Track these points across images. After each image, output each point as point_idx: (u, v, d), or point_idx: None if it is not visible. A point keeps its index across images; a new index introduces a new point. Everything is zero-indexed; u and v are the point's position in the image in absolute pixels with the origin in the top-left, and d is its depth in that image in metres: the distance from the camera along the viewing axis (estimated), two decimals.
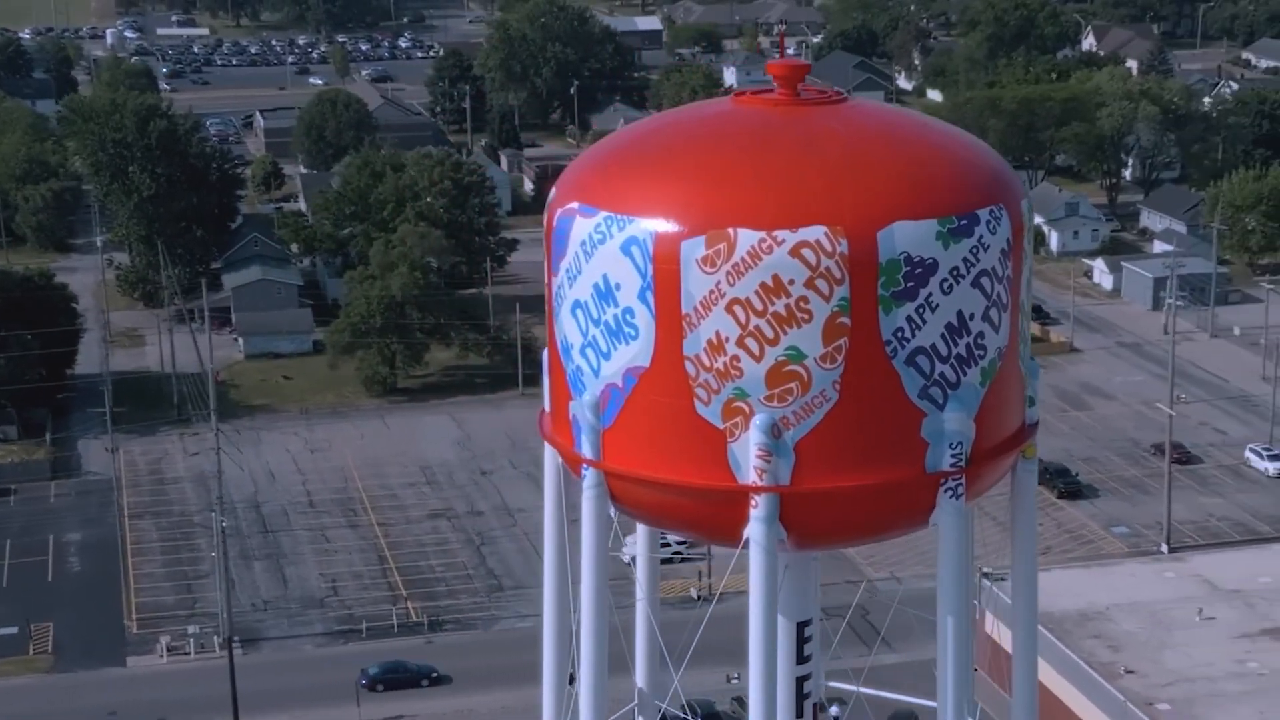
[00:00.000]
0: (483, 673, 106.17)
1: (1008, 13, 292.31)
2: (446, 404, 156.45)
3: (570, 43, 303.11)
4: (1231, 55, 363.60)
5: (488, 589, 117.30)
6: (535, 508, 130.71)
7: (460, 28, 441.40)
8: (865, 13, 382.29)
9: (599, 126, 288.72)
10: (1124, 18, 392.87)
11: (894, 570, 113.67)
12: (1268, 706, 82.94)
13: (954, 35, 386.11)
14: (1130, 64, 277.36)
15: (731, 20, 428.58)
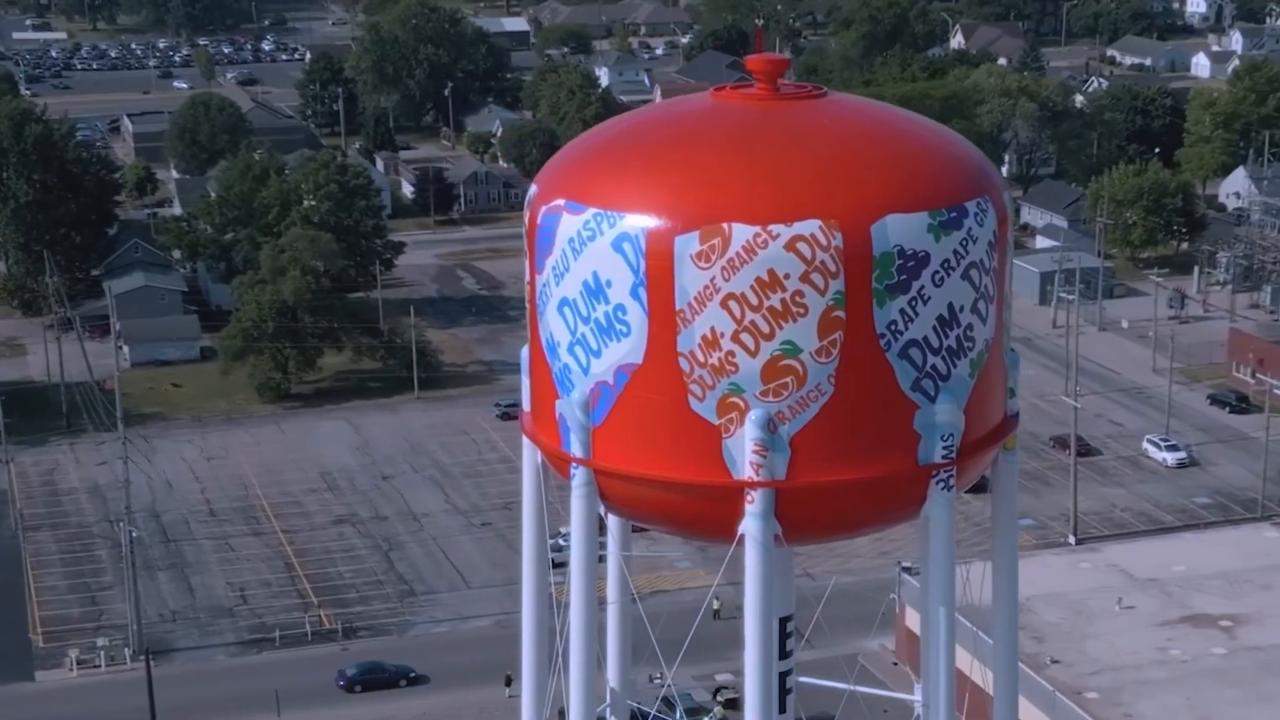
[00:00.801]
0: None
1: (881, 11, 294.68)
2: (342, 409, 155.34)
3: (442, 44, 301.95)
4: (1096, 53, 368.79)
5: (400, 594, 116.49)
6: (440, 512, 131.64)
7: (323, 30, 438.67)
8: (735, 13, 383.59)
9: (474, 128, 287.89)
10: (990, 16, 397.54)
11: (806, 568, 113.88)
12: (1193, 692, 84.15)
13: (824, 34, 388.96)
14: (1001, 61, 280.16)
15: (599, 21, 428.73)
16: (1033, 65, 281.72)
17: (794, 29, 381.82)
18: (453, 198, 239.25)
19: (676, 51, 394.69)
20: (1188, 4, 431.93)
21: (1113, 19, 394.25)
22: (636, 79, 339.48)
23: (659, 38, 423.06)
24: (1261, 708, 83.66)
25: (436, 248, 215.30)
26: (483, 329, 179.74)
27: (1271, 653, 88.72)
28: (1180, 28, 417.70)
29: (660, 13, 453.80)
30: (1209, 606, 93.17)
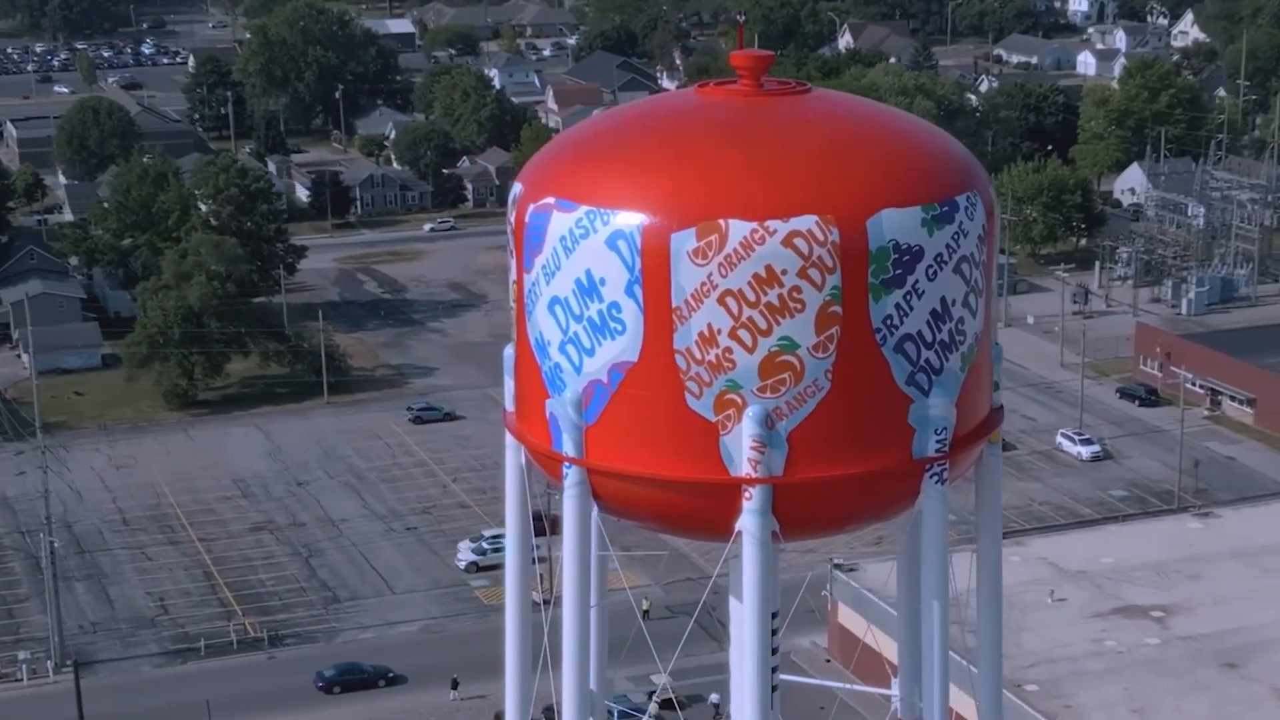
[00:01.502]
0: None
1: (774, 11, 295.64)
2: (251, 415, 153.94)
3: (332, 46, 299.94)
4: (983, 51, 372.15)
5: (324, 601, 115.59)
6: (358, 517, 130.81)
7: (204, 33, 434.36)
8: (623, 13, 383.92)
9: (365, 131, 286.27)
10: (876, 15, 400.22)
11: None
12: (1131, 683, 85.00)
13: (713, 34, 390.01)
14: (891, 61, 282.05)
15: (485, 22, 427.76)
16: (925, 64, 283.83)
17: (683, 29, 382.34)
18: (349, 201, 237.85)
19: (564, 53, 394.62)
20: (1070, 2, 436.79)
21: (998, 18, 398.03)
22: (527, 80, 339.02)
23: (546, 39, 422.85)
24: (1199, 697, 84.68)
25: (335, 251, 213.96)
26: (388, 333, 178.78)
27: (1204, 642, 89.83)
28: (1064, 26, 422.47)
29: (546, 14, 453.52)
30: (1139, 597, 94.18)
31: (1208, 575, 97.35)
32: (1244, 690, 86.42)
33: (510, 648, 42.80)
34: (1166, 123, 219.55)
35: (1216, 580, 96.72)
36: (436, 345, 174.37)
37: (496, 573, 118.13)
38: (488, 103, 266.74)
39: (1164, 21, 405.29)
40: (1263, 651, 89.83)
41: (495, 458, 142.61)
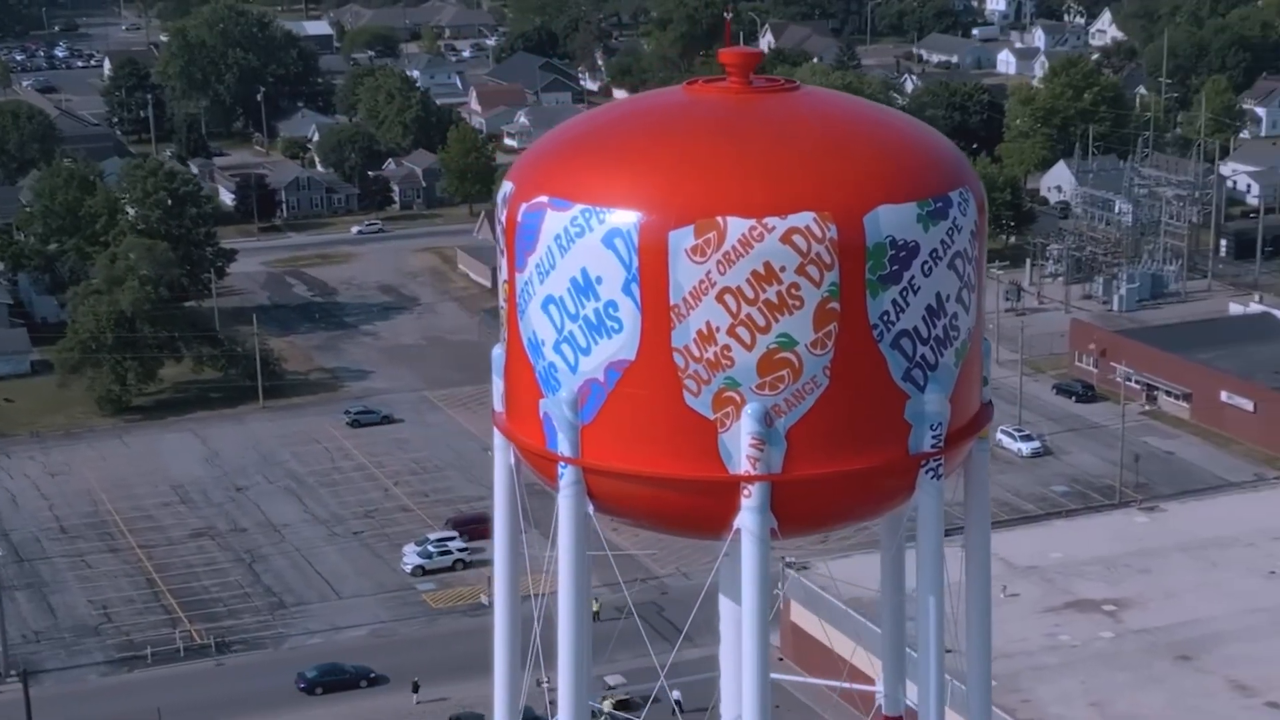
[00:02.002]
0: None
1: (699, 11, 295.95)
2: (186, 420, 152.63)
3: (252, 48, 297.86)
4: (904, 51, 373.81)
5: (269, 607, 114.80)
6: (299, 521, 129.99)
7: (118, 36, 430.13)
8: (543, 14, 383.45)
9: (287, 133, 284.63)
10: (796, 15, 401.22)
11: (680, 566, 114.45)
12: (1087, 676, 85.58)
13: (635, 35, 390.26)
14: (816, 60, 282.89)
15: (403, 23, 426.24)
16: (850, 64, 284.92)
17: (605, 30, 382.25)
18: (275, 204, 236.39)
19: (483, 54, 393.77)
20: (988, 2, 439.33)
21: (918, 17, 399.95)
22: (449, 82, 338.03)
23: (465, 40, 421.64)
24: (1154, 689, 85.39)
25: (263, 255, 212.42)
26: (320, 336, 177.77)
27: (1157, 635, 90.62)
28: (982, 25, 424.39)
29: (464, 15, 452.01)
30: (1091, 592, 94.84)
31: (1157, 569, 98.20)
32: (1199, 682, 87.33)
33: (499, 648, 42.76)
34: (1091, 120, 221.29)
35: (1166, 574, 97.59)
36: (370, 348, 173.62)
37: (443, 576, 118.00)
38: (412, 104, 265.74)
39: (1081, 20, 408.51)
40: (1215, 644, 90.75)
41: (435, 461, 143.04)
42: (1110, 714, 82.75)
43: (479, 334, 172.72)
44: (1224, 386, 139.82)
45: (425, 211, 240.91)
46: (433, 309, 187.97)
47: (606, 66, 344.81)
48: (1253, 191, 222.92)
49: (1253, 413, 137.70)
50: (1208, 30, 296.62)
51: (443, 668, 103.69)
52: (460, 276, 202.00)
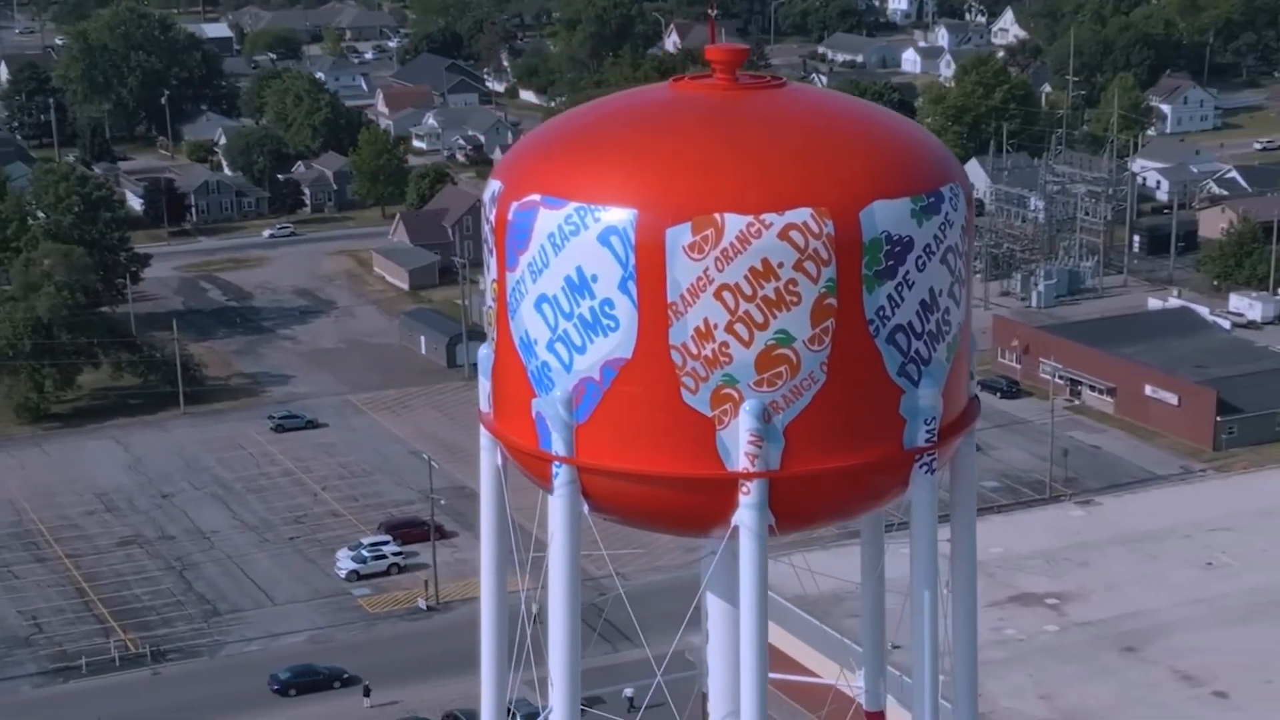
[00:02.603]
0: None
1: (608, 11, 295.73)
2: (106, 427, 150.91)
3: (154, 51, 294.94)
4: (808, 50, 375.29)
5: (203, 614, 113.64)
6: (228, 528, 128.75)
7: (11, 39, 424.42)
8: (447, 15, 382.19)
9: (192, 137, 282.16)
10: (700, 15, 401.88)
11: (617, 567, 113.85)
12: (1035, 670, 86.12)
13: (539, 35, 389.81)
14: None
15: (303, 25, 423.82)
16: (759, 63, 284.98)
17: (509, 31, 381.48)
18: (185, 208, 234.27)
19: (386, 55, 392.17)
20: (890, 1, 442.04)
21: (821, 16, 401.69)
22: (353, 83, 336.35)
23: (366, 41, 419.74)
24: (1103, 681, 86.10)
25: (174, 260, 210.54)
26: (239, 340, 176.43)
27: (1101, 627, 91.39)
28: (885, 24, 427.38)
29: (365, 16, 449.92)
30: (1033, 586, 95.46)
31: (1096, 562, 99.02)
32: (1145, 673, 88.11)
33: (486, 650, 42.34)
34: (1003, 118, 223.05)
35: (1105, 567, 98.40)
36: (290, 352, 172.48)
37: (378, 581, 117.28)
38: (321, 107, 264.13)
39: (983, 19, 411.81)
40: (1158, 635, 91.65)
41: (363, 465, 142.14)
42: (1061, 706, 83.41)
43: (400, 337, 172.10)
44: (1148, 381, 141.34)
45: (337, 214, 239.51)
46: (351, 312, 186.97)
47: (513, 67, 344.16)
48: (1162, 188, 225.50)
49: (1177, 406, 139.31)
50: (1111, 28, 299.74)
51: (386, 672, 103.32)
52: (376, 279, 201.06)
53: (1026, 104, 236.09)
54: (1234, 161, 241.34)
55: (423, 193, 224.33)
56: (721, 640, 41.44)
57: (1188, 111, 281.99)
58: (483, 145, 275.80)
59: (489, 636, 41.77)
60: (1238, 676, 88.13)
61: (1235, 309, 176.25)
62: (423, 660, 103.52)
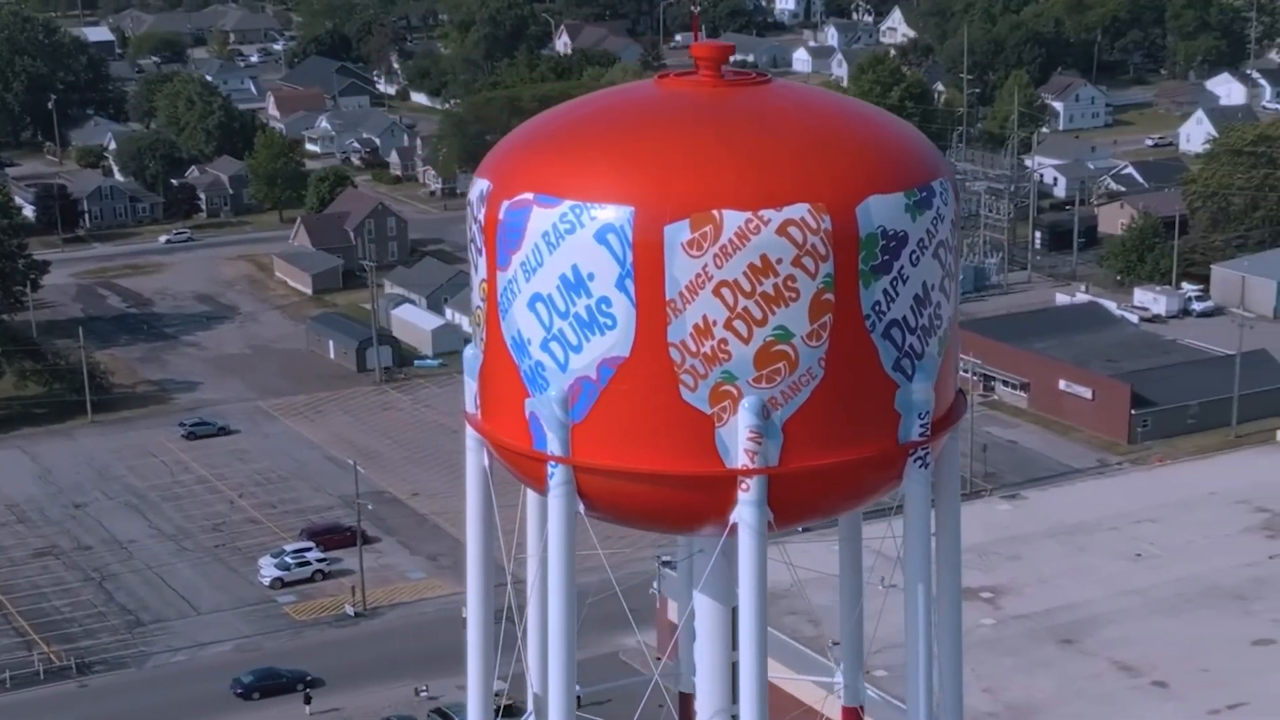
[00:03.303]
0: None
1: (502, 12, 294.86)
2: (13, 438, 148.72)
3: (39, 55, 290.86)
4: None
5: (126, 625, 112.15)
6: (146, 537, 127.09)
7: None
8: (334, 17, 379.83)
9: (80, 142, 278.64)
10: (588, 15, 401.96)
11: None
12: (976, 663, 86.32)
13: (427, 37, 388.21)
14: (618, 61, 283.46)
15: (186, 28, 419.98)
16: (655, 64, 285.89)
17: (398, 33, 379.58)
18: (77, 215, 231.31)
19: (271, 58, 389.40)
20: (777, 1, 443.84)
21: (711, 17, 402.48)
22: (242, 87, 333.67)
23: (251, 44, 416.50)
24: (1043, 673, 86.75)
25: (70, 267, 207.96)
26: (142, 347, 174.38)
27: (1037, 620, 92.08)
28: (773, 24, 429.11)
29: (249, 19, 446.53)
30: (967, 580, 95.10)
31: (1027, 555, 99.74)
32: (1084, 665, 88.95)
33: (472, 653, 41.98)
34: (900, 116, 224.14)
35: (1037, 560, 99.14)
36: (195, 359, 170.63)
37: (303, 587, 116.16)
38: (214, 110, 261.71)
39: (870, 19, 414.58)
40: (1094, 626, 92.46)
41: (278, 471, 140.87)
42: (1005, 699, 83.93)
43: (307, 342, 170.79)
44: (1062, 375, 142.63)
45: (234, 219, 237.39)
46: (255, 318, 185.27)
47: (404, 70, 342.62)
48: (1059, 185, 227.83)
49: (1090, 400, 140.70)
50: (1002, 27, 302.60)
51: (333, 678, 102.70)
52: (279, 284, 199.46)
53: (923, 102, 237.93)
54: (1128, 158, 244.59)
55: (322, 196, 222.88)
56: (709, 639, 41.35)
57: (1080, 109, 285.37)
58: (378, 148, 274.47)
59: (476, 639, 41.45)
60: (1175, 666, 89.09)
61: (1140, 303, 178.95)
62: (356, 667, 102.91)
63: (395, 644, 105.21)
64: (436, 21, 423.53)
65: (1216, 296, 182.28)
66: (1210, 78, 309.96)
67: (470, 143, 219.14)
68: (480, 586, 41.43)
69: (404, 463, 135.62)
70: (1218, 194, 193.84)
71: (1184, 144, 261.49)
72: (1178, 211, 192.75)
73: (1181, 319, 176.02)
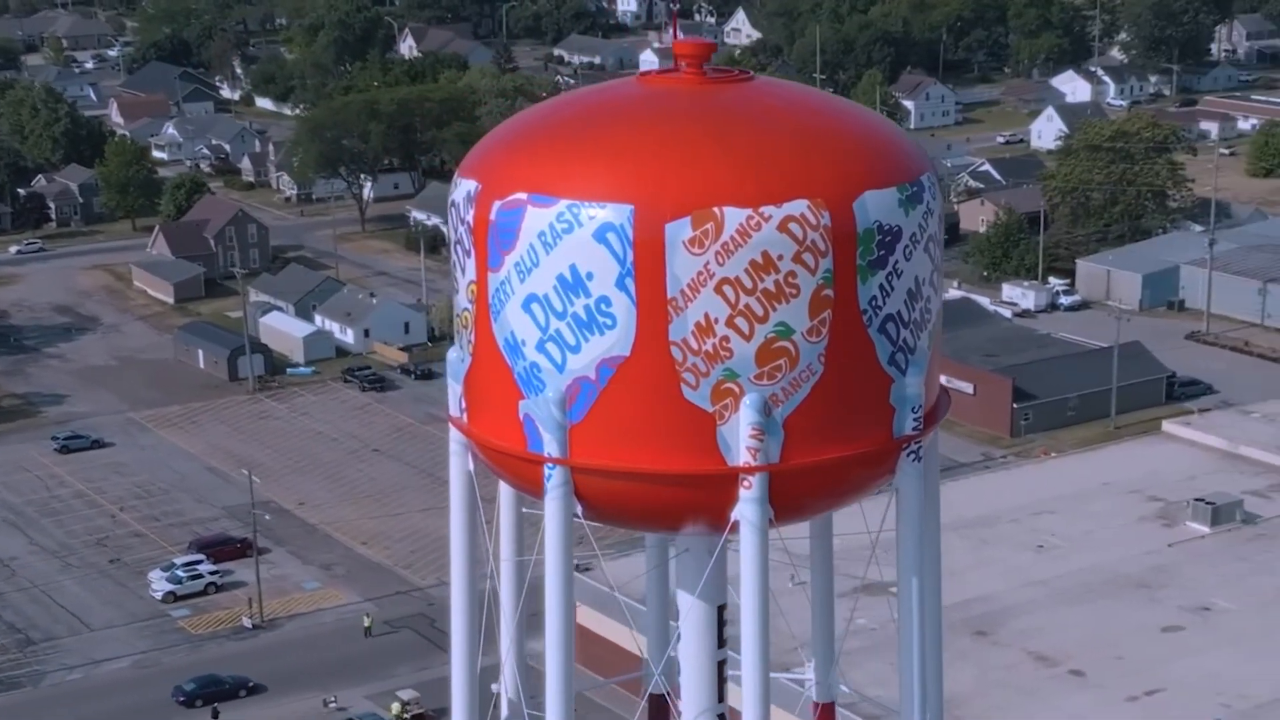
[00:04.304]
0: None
1: (351, 15, 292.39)
2: None
3: None
4: (545, 53, 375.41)
5: (17, 644, 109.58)
6: (27, 554, 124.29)
7: None
8: (173, 23, 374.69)
9: None
10: (432, 18, 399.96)
11: (440, 576, 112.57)
12: (894, 657, 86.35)
13: (267, 41, 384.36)
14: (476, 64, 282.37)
15: (17, 34, 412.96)
16: (507, 66, 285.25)
17: (241, 38, 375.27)
18: None
19: (107, 64, 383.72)
20: (619, 3, 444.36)
21: (556, 19, 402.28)
22: (82, 93, 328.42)
23: (84, 50, 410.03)
24: (962, 665, 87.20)
25: None
26: (3, 361, 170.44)
27: (949, 613, 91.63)
28: (616, 26, 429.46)
29: (81, 25, 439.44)
30: (872, 575, 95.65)
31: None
32: (1000, 656, 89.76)
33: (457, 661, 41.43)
34: None
35: (942, 553, 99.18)
36: (59, 371, 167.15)
37: (197, 601, 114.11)
38: (60, 117, 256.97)
39: (713, 20, 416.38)
40: (1006, 618, 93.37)
41: (158, 484, 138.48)
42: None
43: (175, 352, 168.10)
44: (942, 371, 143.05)
45: (85, 228, 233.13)
46: (117, 329, 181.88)
47: (248, 75, 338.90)
48: None
49: (972, 395, 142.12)
50: (851, 27, 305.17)
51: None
52: (139, 294, 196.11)
53: None
54: (981, 155, 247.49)
55: (179, 204, 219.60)
56: (695, 638, 41.36)
57: (930, 107, 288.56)
58: (229, 154, 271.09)
59: (460, 644, 40.87)
60: (1089, 654, 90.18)
61: (1009, 299, 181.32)
62: (260, 679, 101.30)
63: (297, 655, 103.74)
64: (274, 26, 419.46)
65: (1082, 291, 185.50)
66: (1054, 75, 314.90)
67: (327, 147, 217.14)
68: (464, 589, 40.74)
69: (287, 472, 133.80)
70: (1077, 190, 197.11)
71: (1035, 141, 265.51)
72: (1041, 207, 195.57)
73: (1050, 313, 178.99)
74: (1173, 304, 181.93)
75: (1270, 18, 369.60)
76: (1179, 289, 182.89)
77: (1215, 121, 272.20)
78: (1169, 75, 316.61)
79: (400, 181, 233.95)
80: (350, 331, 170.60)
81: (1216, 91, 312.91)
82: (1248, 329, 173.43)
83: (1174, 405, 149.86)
